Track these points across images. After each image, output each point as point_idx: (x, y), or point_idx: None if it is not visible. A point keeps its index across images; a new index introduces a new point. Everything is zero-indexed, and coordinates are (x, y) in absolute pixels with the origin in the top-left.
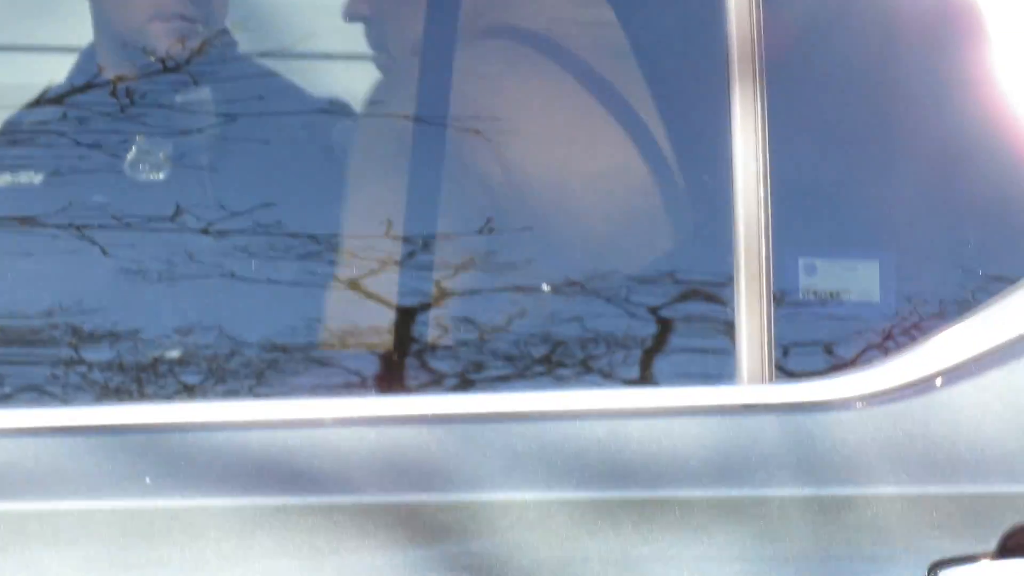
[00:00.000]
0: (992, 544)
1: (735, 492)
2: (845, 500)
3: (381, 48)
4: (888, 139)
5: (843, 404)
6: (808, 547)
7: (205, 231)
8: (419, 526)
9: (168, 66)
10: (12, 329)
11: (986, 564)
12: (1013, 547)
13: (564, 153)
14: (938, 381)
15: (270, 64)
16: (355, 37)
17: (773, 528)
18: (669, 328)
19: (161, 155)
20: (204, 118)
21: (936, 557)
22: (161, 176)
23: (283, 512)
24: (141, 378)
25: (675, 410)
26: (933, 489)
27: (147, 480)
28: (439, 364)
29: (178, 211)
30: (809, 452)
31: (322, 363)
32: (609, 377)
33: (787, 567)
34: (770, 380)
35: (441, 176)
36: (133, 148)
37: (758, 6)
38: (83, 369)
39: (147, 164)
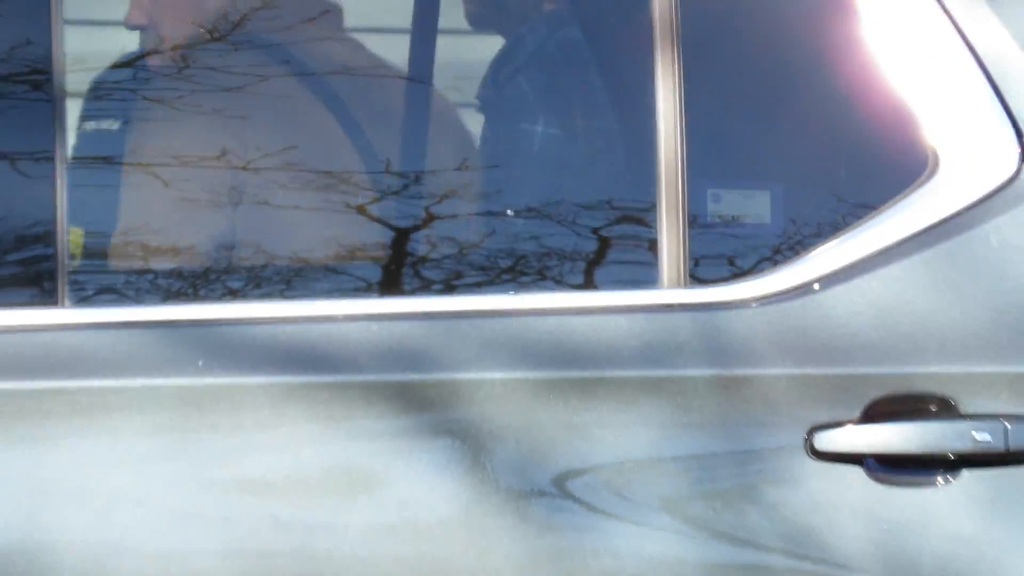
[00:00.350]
0: (857, 413)
1: (657, 373)
2: (743, 379)
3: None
4: (779, 93)
5: (742, 304)
6: (713, 416)
7: (245, 167)
8: (411, 399)
9: (213, 37)
10: (96, 245)
11: (851, 428)
12: (873, 415)
13: (528, 109)
14: (816, 286)
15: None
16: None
17: (687, 401)
18: (606, 244)
19: (207, 107)
20: (242, 77)
21: (813, 423)
22: (208, 124)
23: (306, 388)
24: (196, 283)
25: (610, 309)
26: (811, 371)
27: (200, 363)
28: (428, 273)
29: (224, 151)
30: (715, 342)
31: (336, 272)
32: (559, 283)
33: (697, 431)
34: (685, 285)
35: (428, 126)
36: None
37: None
38: (151, 276)
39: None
